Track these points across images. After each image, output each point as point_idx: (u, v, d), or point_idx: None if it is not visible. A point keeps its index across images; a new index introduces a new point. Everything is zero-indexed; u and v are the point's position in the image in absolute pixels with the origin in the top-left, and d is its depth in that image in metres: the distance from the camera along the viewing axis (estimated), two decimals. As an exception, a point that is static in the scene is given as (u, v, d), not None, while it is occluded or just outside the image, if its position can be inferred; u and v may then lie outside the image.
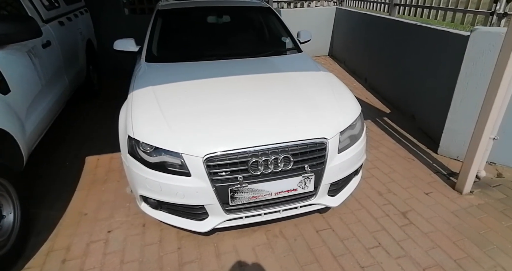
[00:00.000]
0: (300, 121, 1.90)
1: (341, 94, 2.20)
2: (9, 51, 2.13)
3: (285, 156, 1.76)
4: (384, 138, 3.30)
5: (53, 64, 2.88)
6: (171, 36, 2.86)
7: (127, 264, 1.86)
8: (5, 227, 1.84)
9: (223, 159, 1.70)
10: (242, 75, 2.37)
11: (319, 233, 2.08)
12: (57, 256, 1.92)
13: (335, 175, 1.93)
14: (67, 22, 3.57)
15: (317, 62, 2.82)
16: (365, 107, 4.09)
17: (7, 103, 1.96)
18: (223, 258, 1.89)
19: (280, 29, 3.09)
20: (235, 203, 1.78)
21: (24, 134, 2.12)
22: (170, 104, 1.98)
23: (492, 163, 2.74)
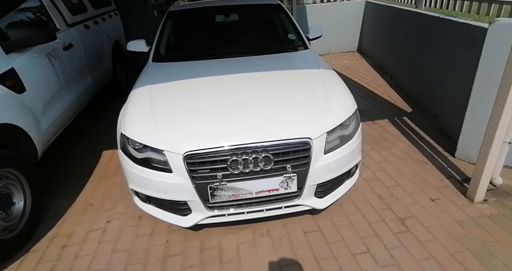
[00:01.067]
0: (284, 121, 1.87)
1: (335, 93, 2.12)
2: (27, 54, 2.35)
3: (266, 156, 1.75)
4: (399, 139, 3.11)
5: (75, 65, 3.13)
6: (179, 37, 2.96)
7: (118, 253, 1.98)
8: (15, 213, 2.05)
9: (202, 156, 1.74)
10: (239, 73, 2.39)
11: (306, 234, 2.03)
12: (59, 242, 2.10)
13: (321, 176, 1.88)
14: (93, 25, 3.84)
15: (322, 59, 2.73)
16: (385, 105, 3.89)
17: (21, 101, 2.18)
18: (206, 254, 1.93)
19: (288, 26, 3.04)
20: (215, 201, 1.81)
21: (38, 130, 2.34)
22: (162, 103, 2.06)
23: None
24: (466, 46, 2.70)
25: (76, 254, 1.99)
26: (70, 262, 1.94)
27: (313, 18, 6.07)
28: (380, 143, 3.06)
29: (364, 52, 6.21)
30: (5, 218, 1.96)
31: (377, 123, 3.46)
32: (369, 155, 2.88)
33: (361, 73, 5.15)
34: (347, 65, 5.65)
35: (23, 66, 2.26)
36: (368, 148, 2.98)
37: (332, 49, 6.43)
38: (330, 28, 6.16)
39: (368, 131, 3.29)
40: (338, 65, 5.68)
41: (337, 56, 6.30)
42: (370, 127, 3.38)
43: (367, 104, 3.98)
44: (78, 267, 1.90)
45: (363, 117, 3.62)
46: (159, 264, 1.88)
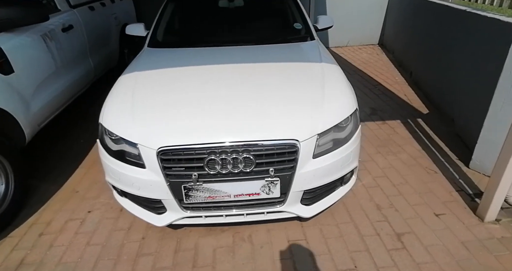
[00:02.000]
0: (271, 119, 1.69)
1: (332, 91, 1.91)
2: (17, 34, 2.27)
3: (247, 157, 1.59)
4: (409, 143, 2.86)
5: (74, 47, 3.05)
6: (178, 21, 2.81)
7: (91, 247, 1.91)
8: (-5, 196, 2.01)
9: (178, 153, 1.60)
10: (235, 63, 2.22)
11: (290, 243, 1.88)
12: (37, 229, 2.05)
13: (308, 182, 1.70)
14: (100, 7, 3.75)
15: (327, 51, 2.49)
16: (400, 105, 3.60)
17: (8, 83, 2.11)
18: (180, 256, 1.82)
19: (295, 15, 2.81)
20: (190, 201, 1.68)
21: (27, 113, 2.27)
22: (144, 93, 1.93)
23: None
24: (493, 44, 2.38)
25: (51, 244, 1.94)
26: (43, 251, 1.88)
27: (332, 7, 5.74)
28: (387, 146, 2.82)
29: (386, 46, 5.82)
30: (-18, 201, 1.93)
31: (388, 124, 3.20)
32: (373, 158, 2.65)
33: (379, 68, 4.82)
34: (365, 59, 5.32)
35: (13, 46, 2.18)
36: (373, 151, 2.75)
37: (351, 41, 6.08)
38: (350, 18, 5.83)
39: (376, 132, 3.05)
40: (355, 58, 5.36)
41: (355, 49, 5.95)
42: (379, 128, 3.13)
43: (380, 102, 3.71)
44: (50, 258, 1.84)
45: (373, 116, 3.37)
46: (130, 262, 1.79)
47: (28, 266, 1.79)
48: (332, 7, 5.74)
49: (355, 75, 4.59)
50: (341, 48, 6.06)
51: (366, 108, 3.58)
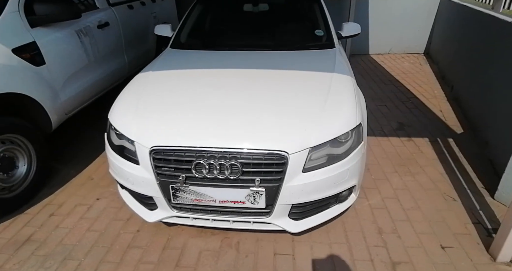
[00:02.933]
0: (264, 129, 1.66)
1: (335, 103, 1.82)
2: (53, 29, 2.48)
3: (233, 164, 1.58)
4: (432, 164, 2.63)
5: (109, 43, 3.25)
6: (202, 24, 2.87)
7: (91, 232, 2.03)
8: (17, 175, 2.22)
9: (168, 154, 1.64)
10: (246, 69, 2.21)
11: (276, 256, 1.83)
12: (49, 210, 2.23)
13: (296, 196, 1.64)
14: (139, 6, 3.96)
15: (345, 60, 2.38)
16: (432, 121, 3.33)
17: (38, 74, 2.31)
18: (167, 253, 1.86)
19: (319, 21, 2.72)
20: (177, 202, 1.71)
21: (54, 102, 2.48)
22: (151, 92, 2.00)
23: None
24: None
25: (57, 225, 2.10)
26: (49, 231, 2.04)
27: (375, 12, 5.47)
28: (407, 166, 2.62)
29: (431, 56, 5.42)
30: (5, 179, 2.14)
31: (413, 142, 2.98)
32: (387, 177, 2.49)
33: (419, 80, 4.50)
34: (406, 69, 5.00)
35: (46, 40, 2.39)
36: (390, 169, 2.58)
37: (394, 48, 5.75)
38: (393, 24, 5.53)
39: (398, 150, 2.85)
40: (395, 68, 5.06)
41: (398, 57, 5.62)
42: (402, 145, 2.92)
43: (411, 117, 3.46)
44: (53, 238, 1.99)
45: (399, 132, 3.16)
46: (120, 252, 1.87)
47: (33, 243, 1.95)
48: (374, 11, 5.48)
49: (390, 86, 4.34)
50: (381, 55, 5.77)
51: (393, 122, 3.36)
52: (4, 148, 2.11)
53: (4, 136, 2.08)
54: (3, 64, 2.03)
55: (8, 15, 2.17)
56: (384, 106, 3.75)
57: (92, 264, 1.81)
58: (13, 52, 2.12)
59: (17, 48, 2.15)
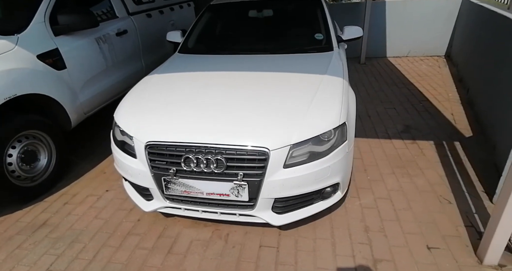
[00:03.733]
0: (250, 126, 1.77)
1: (320, 103, 1.89)
2: (74, 37, 2.76)
3: (219, 159, 1.70)
4: (433, 167, 2.60)
5: (127, 49, 3.52)
6: (209, 30, 3.03)
7: (97, 220, 2.23)
8: (38, 167, 2.49)
9: (161, 148, 1.80)
10: (243, 72, 2.34)
11: (261, 248, 1.92)
12: (65, 199, 2.48)
13: (278, 191, 1.73)
14: (157, 14, 4.23)
15: (340, 63, 2.41)
16: (441, 124, 3.26)
17: (59, 77, 2.59)
18: (161, 241, 2.02)
19: (320, 25, 2.79)
20: (169, 193, 1.86)
21: (74, 102, 2.75)
22: (152, 92, 2.18)
23: None
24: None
25: (69, 212, 2.33)
26: (62, 217, 2.28)
27: (393, 15, 5.41)
28: (406, 168, 2.61)
29: (452, 59, 5.26)
30: (28, 170, 2.41)
31: (417, 144, 2.95)
32: (383, 178, 2.49)
33: (434, 83, 4.39)
34: (423, 71, 4.89)
35: (68, 47, 2.67)
36: (387, 171, 2.58)
37: (413, 51, 5.64)
38: (412, 27, 5.44)
39: (400, 152, 2.84)
40: (411, 70, 4.96)
41: (416, 60, 5.50)
42: (405, 148, 2.90)
43: (419, 120, 3.41)
44: (64, 223, 2.22)
45: (404, 134, 3.13)
46: (120, 238, 2.05)
47: (47, 227, 2.19)
48: (392, 13, 5.42)
49: (403, 89, 4.28)
50: (399, 58, 5.67)
51: (400, 125, 3.33)
52: (28, 142, 2.38)
53: (28, 132, 2.36)
54: (28, 69, 2.31)
55: (35, 26, 2.46)
56: (392, 109, 3.71)
57: (95, 247, 2.00)
58: (37, 58, 2.41)
59: (41, 54, 2.43)
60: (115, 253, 1.95)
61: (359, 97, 4.10)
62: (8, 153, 2.25)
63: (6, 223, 2.24)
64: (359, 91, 4.30)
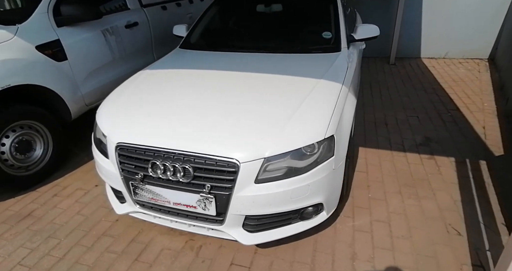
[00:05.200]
0: (221, 135, 1.60)
1: (306, 113, 1.67)
2: (78, 28, 2.74)
3: (185, 167, 1.56)
4: (448, 189, 2.27)
5: (137, 42, 3.47)
6: (213, 25, 2.88)
7: (78, 216, 2.21)
8: (33, 157, 2.52)
9: (131, 151, 1.70)
10: (241, 72, 2.16)
11: (232, 266, 1.77)
12: (55, 190, 2.49)
13: (247, 208, 1.56)
14: (174, 7, 4.15)
15: (345, 65, 2.15)
16: (468, 139, 2.87)
17: (58, 68, 2.58)
18: (132, 246, 1.94)
19: (330, 23, 2.52)
20: (137, 198, 1.76)
21: (74, 94, 2.75)
22: (137, 90, 2.09)
23: None
24: None
25: (55, 205, 2.33)
26: (47, 210, 2.28)
27: (430, 11, 4.90)
28: (416, 187, 2.31)
29: (496, 63, 4.66)
30: (22, 159, 2.44)
31: (435, 160, 2.60)
32: (387, 198, 2.22)
33: (469, 90, 3.91)
34: (459, 76, 4.38)
35: (70, 38, 2.66)
36: (393, 189, 2.30)
37: (451, 52, 5.09)
38: (452, 25, 4.90)
39: (413, 168, 2.52)
40: (446, 74, 4.47)
41: (454, 62, 4.96)
42: (420, 163, 2.58)
43: (443, 132, 3.02)
44: (48, 216, 2.22)
45: (422, 148, 2.79)
46: (94, 238, 2.00)
47: (31, 218, 2.20)
48: (429, 9, 4.90)
49: (432, 95, 3.85)
50: (435, 60, 5.15)
51: (419, 136, 2.98)
52: (22, 132, 2.41)
53: (22, 122, 2.38)
54: (25, 59, 2.32)
55: (37, 16, 2.46)
56: (415, 118, 3.34)
57: (68, 244, 1.97)
58: (36, 48, 2.41)
59: (40, 45, 2.43)
60: (85, 254, 1.90)
61: (379, 102, 3.76)
62: (2, 142, 2.28)
63: (-5, 211, 2.30)
64: (381, 96, 3.94)
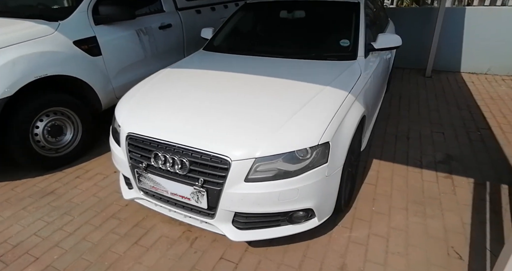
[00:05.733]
0: (220, 132, 1.68)
1: (303, 118, 1.69)
2: (114, 27, 2.99)
3: (182, 160, 1.66)
4: (459, 210, 2.15)
5: (169, 42, 3.68)
6: (237, 29, 2.97)
7: (94, 197, 2.40)
8: (63, 141, 2.77)
9: (138, 141, 1.83)
10: (250, 75, 2.22)
11: (221, 260, 1.83)
12: (78, 173, 2.72)
13: (236, 204, 1.62)
14: (208, 11, 4.34)
15: (356, 74, 2.13)
16: (494, 160, 2.69)
17: (93, 63, 2.83)
18: (134, 230, 2.07)
19: (350, 30, 2.50)
20: (141, 186, 1.89)
21: (106, 87, 2.99)
22: (154, 87, 2.23)
23: None
24: None
25: (76, 186, 2.55)
26: (68, 189, 2.51)
27: (473, 24, 4.62)
28: (424, 205, 2.21)
29: (544, 82, 4.28)
30: (53, 142, 2.71)
31: (452, 180, 2.47)
32: (390, 213, 2.15)
33: (507, 109, 3.64)
34: (499, 94, 4.09)
35: (106, 36, 2.91)
36: (400, 205, 2.22)
37: (494, 68, 4.76)
38: (496, 39, 4.61)
39: (426, 185, 2.42)
40: (484, 91, 4.19)
41: (497, 79, 4.63)
42: (435, 181, 2.46)
43: (467, 150, 2.85)
44: (67, 195, 2.44)
45: (441, 165, 2.66)
46: (102, 219, 2.17)
47: (53, 195, 2.43)
48: (472, 21, 4.63)
49: (464, 112, 3.64)
50: (475, 75, 4.85)
51: (440, 153, 2.84)
52: (55, 118, 2.67)
53: (56, 108, 2.64)
54: (62, 52, 2.58)
55: (77, 14, 2.73)
56: (440, 134, 3.18)
57: (79, 222, 2.15)
58: (74, 43, 2.67)
59: (78, 40, 2.69)
60: (92, 232, 2.07)
61: (405, 115, 3.62)
62: (36, 125, 2.55)
63: (25, 185, 2.56)
64: (409, 108, 3.79)
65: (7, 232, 2.10)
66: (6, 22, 2.60)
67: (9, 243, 2.01)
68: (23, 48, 2.36)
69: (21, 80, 2.33)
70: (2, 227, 2.14)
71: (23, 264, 1.85)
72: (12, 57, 2.29)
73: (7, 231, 2.10)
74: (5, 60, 2.26)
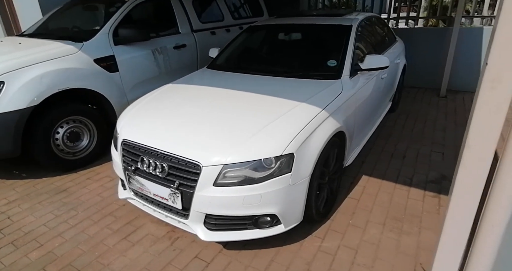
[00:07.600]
0: (196, 141, 1.89)
1: (273, 130, 1.85)
2: (132, 47, 3.37)
3: (162, 164, 1.88)
4: (437, 228, 2.10)
5: (182, 61, 4.01)
6: (239, 49, 3.22)
7: (97, 196, 2.68)
8: (80, 146, 3.14)
9: (130, 146, 2.08)
10: (239, 91, 2.42)
11: (195, 259, 1.99)
12: (90, 174, 3.04)
13: (206, 206, 1.80)
14: (223, 32, 4.67)
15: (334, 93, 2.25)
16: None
17: (110, 78, 3.21)
18: (126, 227, 2.30)
19: (340, 51, 2.64)
20: (131, 186, 2.13)
21: (121, 99, 3.35)
22: (155, 99, 2.51)
23: None
24: None
25: (85, 186, 2.86)
26: (78, 189, 2.82)
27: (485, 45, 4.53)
28: (403, 222, 2.23)
29: None
30: (71, 146, 3.07)
31: (439, 199, 2.46)
32: (367, 227, 2.20)
33: None
34: None
35: (123, 54, 3.29)
36: (378, 220, 2.26)
37: (514, 90, 4.57)
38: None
39: (410, 203, 2.43)
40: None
41: (516, 100, 4.44)
42: (421, 200, 2.47)
43: (462, 172, 2.80)
44: (77, 193, 2.74)
45: (431, 185, 2.66)
46: (101, 216, 2.43)
47: (66, 193, 2.75)
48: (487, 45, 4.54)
49: (471, 132, 3.55)
50: (494, 96, 4.68)
51: (434, 173, 2.82)
52: (74, 125, 3.04)
53: (75, 117, 3.02)
54: (83, 69, 2.98)
55: (99, 36, 3.15)
56: (439, 154, 3.15)
57: (81, 217, 2.43)
58: (94, 61, 3.06)
59: (98, 58, 3.09)
60: (90, 226, 2.33)
61: (408, 134, 3.63)
62: (57, 130, 2.93)
63: (44, 183, 2.92)
64: (414, 127, 3.78)
65: (23, 221, 2.42)
66: (40, 42, 3.07)
67: (22, 230, 2.32)
68: (50, 65, 2.77)
69: (46, 92, 2.73)
70: (19, 217, 2.47)
71: (30, 248, 2.14)
72: (40, 73, 2.70)
73: (23, 220, 2.43)
74: (34, 74, 2.67)
